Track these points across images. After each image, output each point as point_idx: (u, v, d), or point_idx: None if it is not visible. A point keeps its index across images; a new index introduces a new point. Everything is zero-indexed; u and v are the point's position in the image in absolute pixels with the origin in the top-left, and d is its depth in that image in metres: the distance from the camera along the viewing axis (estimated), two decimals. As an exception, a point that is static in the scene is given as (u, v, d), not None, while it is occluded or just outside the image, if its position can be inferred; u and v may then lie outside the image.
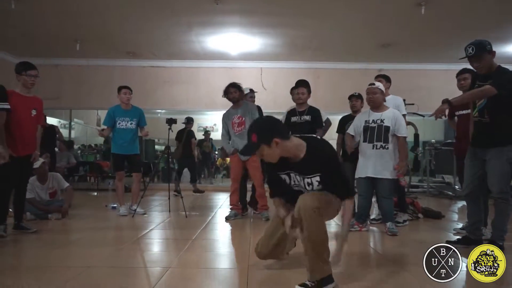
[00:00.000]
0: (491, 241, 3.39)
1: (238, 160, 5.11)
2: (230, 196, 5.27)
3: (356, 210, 4.62)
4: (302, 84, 5.05)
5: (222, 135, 5.30)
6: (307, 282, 2.35)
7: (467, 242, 3.56)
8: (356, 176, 4.40)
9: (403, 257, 3.35)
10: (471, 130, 3.60)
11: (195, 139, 9.13)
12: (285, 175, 2.52)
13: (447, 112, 3.85)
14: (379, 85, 4.34)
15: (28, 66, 4.09)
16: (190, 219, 5.15)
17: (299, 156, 2.40)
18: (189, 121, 9.03)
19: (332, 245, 2.45)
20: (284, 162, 2.43)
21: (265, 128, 2.36)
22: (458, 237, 3.78)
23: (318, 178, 2.41)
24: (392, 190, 4.30)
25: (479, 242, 3.52)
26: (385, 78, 4.99)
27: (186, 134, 8.80)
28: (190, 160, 9.07)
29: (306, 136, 2.51)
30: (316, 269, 2.34)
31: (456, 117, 4.57)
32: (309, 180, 2.43)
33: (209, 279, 2.75)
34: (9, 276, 2.72)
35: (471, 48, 3.29)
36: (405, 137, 4.26)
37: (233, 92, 5.13)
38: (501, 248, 3.30)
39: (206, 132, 12.99)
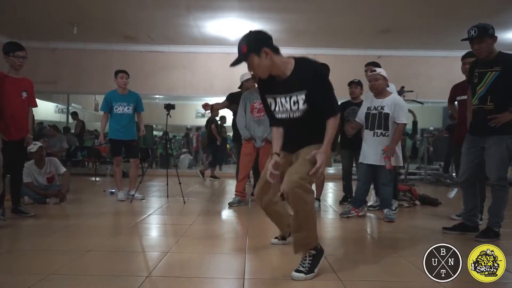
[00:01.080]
0: (487, 227, 3.41)
1: (253, 147, 5.02)
2: (238, 182, 5.18)
3: (354, 195, 4.65)
4: None
5: (240, 116, 5.06)
6: (302, 268, 2.38)
7: (463, 229, 3.59)
8: (360, 161, 4.42)
9: (399, 243, 3.37)
10: (468, 118, 3.59)
11: (216, 125, 9.49)
12: (271, 99, 2.51)
13: None
14: (381, 70, 4.31)
15: (16, 47, 3.96)
16: (188, 205, 5.16)
17: (286, 73, 2.39)
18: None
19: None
20: (272, 82, 2.44)
21: (255, 38, 2.35)
22: (454, 223, 3.80)
23: (303, 96, 2.38)
24: (392, 177, 4.31)
25: (475, 229, 3.55)
26: (376, 66, 4.95)
27: (209, 122, 9.41)
28: (213, 145, 9.43)
29: (296, 56, 2.48)
30: (301, 247, 2.45)
31: (456, 102, 4.51)
32: (295, 98, 2.40)
33: (207, 264, 2.77)
34: (6, 260, 2.73)
35: (473, 30, 3.28)
36: (404, 124, 4.23)
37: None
38: (497, 234, 3.34)
39: (222, 118, 12.97)
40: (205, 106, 5.43)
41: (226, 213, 4.75)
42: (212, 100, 12.23)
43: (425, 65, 10.11)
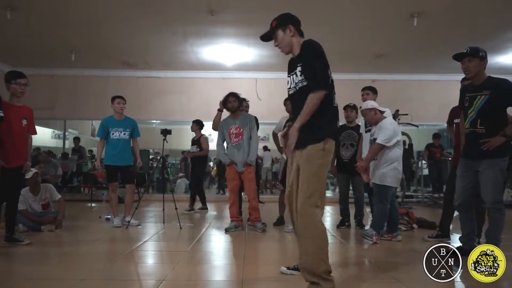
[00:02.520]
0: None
1: (235, 171, 5.08)
2: (230, 208, 5.18)
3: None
4: None
5: (218, 144, 5.22)
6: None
7: (461, 253, 3.56)
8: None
9: (396, 267, 3.34)
10: (462, 142, 3.63)
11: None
12: (289, 77, 2.65)
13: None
14: (366, 105, 4.44)
15: (17, 75, 4.04)
16: (184, 231, 5.11)
17: (297, 53, 2.58)
18: None
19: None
20: (291, 61, 2.63)
21: (284, 16, 2.64)
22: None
23: (300, 68, 2.51)
24: (382, 197, 4.30)
25: (473, 253, 3.53)
26: (372, 90, 5.06)
27: None
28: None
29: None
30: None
31: (454, 125, 4.53)
32: (297, 72, 2.53)
33: (203, 291, 2.73)
34: (0, 290, 2.69)
35: (466, 50, 3.41)
36: (379, 144, 4.24)
37: (232, 101, 5.09)
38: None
39: None
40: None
41: (223, 239, 4.70)
42: (208, 125, 12.31)
43: (419, 88, 10.25)
